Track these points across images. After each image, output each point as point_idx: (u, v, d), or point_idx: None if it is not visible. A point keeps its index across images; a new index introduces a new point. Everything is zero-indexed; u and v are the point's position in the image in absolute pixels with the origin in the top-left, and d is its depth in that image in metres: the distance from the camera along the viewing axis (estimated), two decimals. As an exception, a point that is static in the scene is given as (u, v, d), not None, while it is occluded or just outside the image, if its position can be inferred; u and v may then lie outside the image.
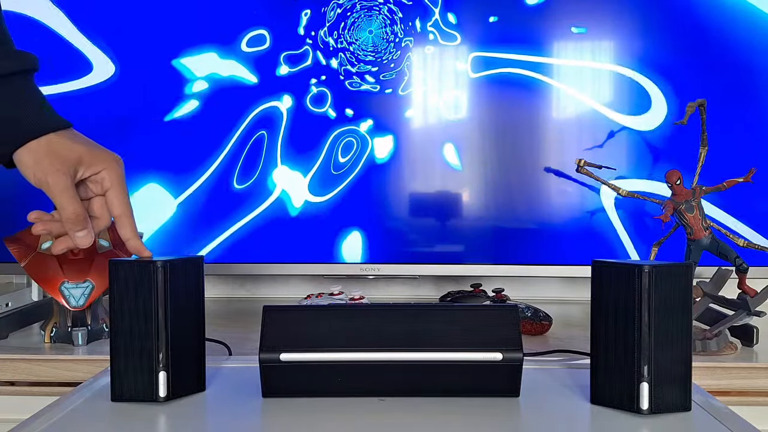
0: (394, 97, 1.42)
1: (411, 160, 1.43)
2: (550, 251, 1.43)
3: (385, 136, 1.42)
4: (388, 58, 1.41)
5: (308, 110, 1.42)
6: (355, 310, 0.76)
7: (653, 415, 0.69)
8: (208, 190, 1.43)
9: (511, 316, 0.73)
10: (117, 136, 1.41)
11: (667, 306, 0.69)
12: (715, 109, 1.23)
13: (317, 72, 1.42)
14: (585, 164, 1.26)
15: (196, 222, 1.43)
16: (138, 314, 0.72)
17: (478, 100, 1.42)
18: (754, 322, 1.11)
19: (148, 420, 0.69)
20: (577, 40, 1.41)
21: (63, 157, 0.73)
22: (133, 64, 1.41)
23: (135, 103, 1.42)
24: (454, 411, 0.70)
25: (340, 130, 1.42)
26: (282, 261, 1.45)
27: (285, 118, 1.42)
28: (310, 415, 0.69)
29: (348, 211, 1.44)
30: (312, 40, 1.41)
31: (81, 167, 0.74)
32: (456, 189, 1.44)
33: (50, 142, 0.73)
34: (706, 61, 1.39)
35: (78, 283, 1.10)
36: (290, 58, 1.42)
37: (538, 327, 1.23)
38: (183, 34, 1.41)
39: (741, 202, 1.38)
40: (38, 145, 0.73)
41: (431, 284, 1.57)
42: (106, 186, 0.76)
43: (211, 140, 1.43)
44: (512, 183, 1.42)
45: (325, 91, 1.42)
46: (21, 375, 1.07)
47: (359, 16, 1.41)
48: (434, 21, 1.41)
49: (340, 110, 1.42)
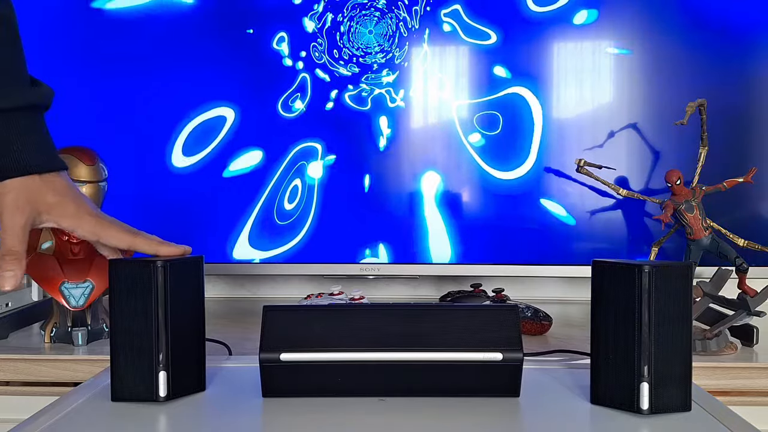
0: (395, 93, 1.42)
1: (411, 158, 1.43)
2: (550, 251, 1.43)
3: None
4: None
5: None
6: (355, 310, 0.76)
7: (653, 415, 0.69)
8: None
9: (511, 316, 0.73)
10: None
11: (667, 306, 0.69)
12: (715, 109, 1.23)
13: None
14: (585, 164, 1.25)
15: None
16: (138, 314, 0.72)
17: (478, 100, 1.42)
18: (754, 322, 1.11)
19: (148, 420, 0.69)
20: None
21: (31, 200, 0.72)
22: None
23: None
24: (454, 411, 0.70)
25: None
26: (282, 261, 1.45)
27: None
28: (310, 415, 0.69)
29: (348, 211, 1.44)
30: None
31: (44, 216, 0.73)
32: (456, 189, 1.44)
33: (27, 181, 0.72)
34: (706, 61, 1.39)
35: (78, 283, 1.10)
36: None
37: (538, 327, 1.23)
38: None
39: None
40: (14, 181, 0.72)
41: (431, 284, 1.57)
42: (83, 237, 0.76)
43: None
44: (512, 183, 1.42)
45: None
46: (21, 375, 1.07)
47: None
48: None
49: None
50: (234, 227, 1.44)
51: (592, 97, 1.42)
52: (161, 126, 1.43)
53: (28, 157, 0.72)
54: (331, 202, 1.44)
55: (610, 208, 1.42)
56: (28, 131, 0.73)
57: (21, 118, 0.72)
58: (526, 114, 1.41)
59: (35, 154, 0.72)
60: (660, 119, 1.40)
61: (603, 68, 1.41)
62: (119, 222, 0.80)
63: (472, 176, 1.43)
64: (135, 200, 1.44)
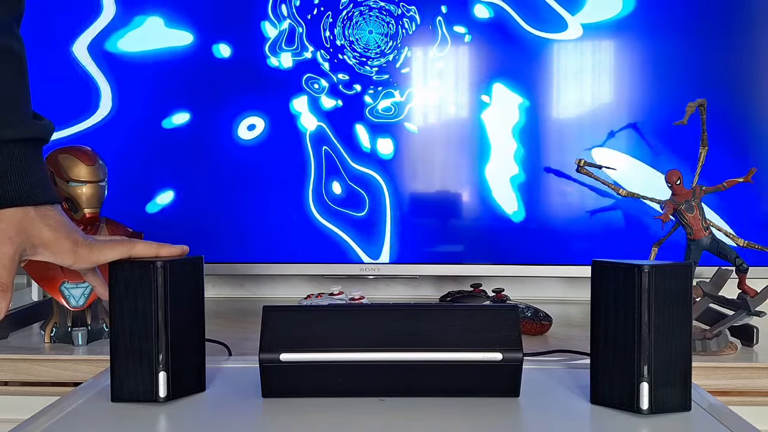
0: (396, 101, 1.42)
1: (411, 160, 1.43)
2: (550, 251, 1.43)
3: (385, 138, 1.43)
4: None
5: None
6: (355, 310, 0.76)
7: (653, 415, 0.69)
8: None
9: (511, 316, 0.73)
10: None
11: (666, 306, 0.69)
12: (715, 109, 1.23)
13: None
14: (585, 164, 1.25)
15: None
16: (138, 314, 0.72)
17: (479, 99, 1.42)
18: (754, 322, 1.11)
19: (148, 420, 0.69)
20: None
21: (23, 231, 0.71)
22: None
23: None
24: (454, 411, 0.70)
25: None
26: (282, 261, 1.45)
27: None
28: (310, 415, 0.69)
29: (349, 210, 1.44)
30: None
31: (39, 249, 0.73)
32: (456, 189, 1.44)
33: (21, 212, 0.72)
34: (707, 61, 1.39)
35: (78, 283, 1.10)
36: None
37: (538, 327, 1.23)
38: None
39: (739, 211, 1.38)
40: (7, 211, 0.71)
41: (431, 284, 1.56)
42: (81, 269, 0.76)
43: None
44: (513, 183, 1.42)
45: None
46: (21, 375, 1.07)
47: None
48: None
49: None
50: (234, 227, 1.45)
51: (592, 97, 1.42)
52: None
53: (25, 189, 0.72)
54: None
55: (610, 208, 1.42)
56: (27, 163, 0.73)
57: (22, 150, 0.73)
58: (530, 112, 1.41)
59: (32, 186, 0.73)
60: (660, 119, 1.40)
61: (603, 68, 1.41)
62: (110, 237, 0.80)
63: (473, 176, 1.43)
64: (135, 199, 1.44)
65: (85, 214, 1.10)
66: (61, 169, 1.09)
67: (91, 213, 1.10)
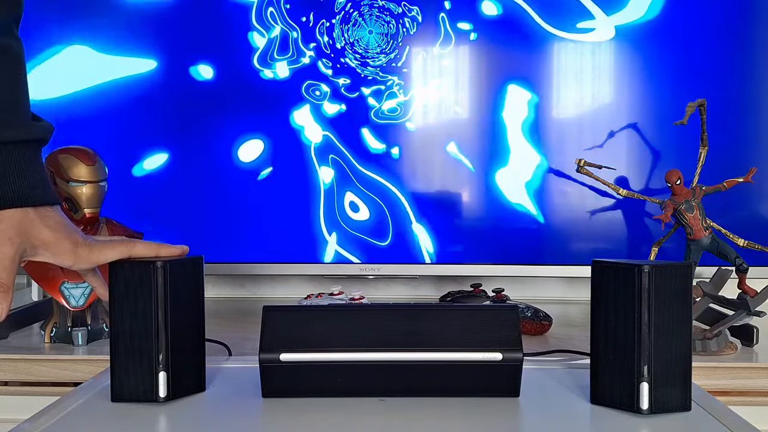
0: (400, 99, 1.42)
1: (412, 159, 1.43)
2: (550, 251, 1.43)
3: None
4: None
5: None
6: (355, 310, 0.76)
7: (653, 415, 0.69)
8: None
9: (511, 316, 0.73)
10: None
11: (666, 306, 0.69)
12: (715, 109, 1.23)
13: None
14: (585, 164, 1.25)
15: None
16: (138, 315, 0.72)
17: (479, 99, 1.42)
18: (754, 322, 1.11)
19: (148, 420, 0.69)
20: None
21: (23, 232, 0.71)
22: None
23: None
24: (454, 411, 0.70)
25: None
26: (282, 261, 1.45)
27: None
28: (310, 415, 0.69)
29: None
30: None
31: (39, 250, 0.73)
32: (456, 189, 1.44)
33: (22, 213, 0.72)
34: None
35: (78, 283, 1.10)
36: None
37: (538, 327, 1.23)
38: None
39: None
40: (8, 212, 0.71)
41: (431, 284, 1.56)
42: (81, 270, 0.76)
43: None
44: (512, 182, 1.42)
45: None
46: (21, 375, 1.07)
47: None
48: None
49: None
50: (234, 227, 1.45)
51: (592, 97, 1.42)
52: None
53: (25, 190, 0.72)
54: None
55: (610, 208, 1.42)
56: (27, 164, 0.73)
57: (21, 151, 0.73)
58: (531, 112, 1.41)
59: (32, 187, 0.73)
60: (660, 119, 1.40)
61: (603, 68, 1.41)
62: (110, 237, 0.80)
63: (473, 176, 1.43)
64: (134, 200, 1.44)
65: (85, 214, 1.10)
66: (61, 169, 1.09)
67: (91, 213, 1.10)
